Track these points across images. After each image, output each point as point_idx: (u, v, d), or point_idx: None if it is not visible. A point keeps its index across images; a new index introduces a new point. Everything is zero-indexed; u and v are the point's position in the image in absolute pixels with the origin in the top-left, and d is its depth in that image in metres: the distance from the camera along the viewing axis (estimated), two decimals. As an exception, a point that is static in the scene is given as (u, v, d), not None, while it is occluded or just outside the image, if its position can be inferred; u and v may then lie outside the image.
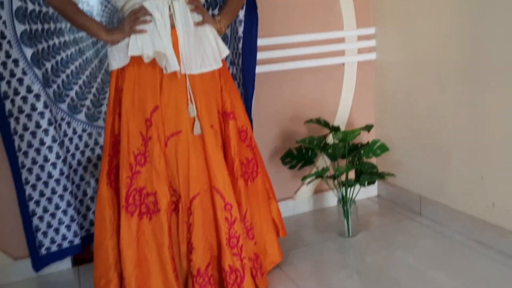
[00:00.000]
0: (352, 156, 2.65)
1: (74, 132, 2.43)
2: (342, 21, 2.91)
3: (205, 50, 1.96)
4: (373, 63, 3.02)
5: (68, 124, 2.41)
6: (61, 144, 2.35)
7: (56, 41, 2.34)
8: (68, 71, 2.39)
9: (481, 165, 2.34)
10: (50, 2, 1.89)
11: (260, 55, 2.55)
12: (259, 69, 2.57)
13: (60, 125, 2.37)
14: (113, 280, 1.98)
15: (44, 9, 2.27)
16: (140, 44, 1.85)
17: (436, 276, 2.13)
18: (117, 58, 1.91)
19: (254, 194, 2.16)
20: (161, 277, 1.92)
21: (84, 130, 2.46)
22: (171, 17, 1.89)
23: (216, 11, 2.50)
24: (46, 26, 2.29)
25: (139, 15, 1.86)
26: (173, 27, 1.89)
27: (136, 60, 1.89)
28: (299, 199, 2.99)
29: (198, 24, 1.95)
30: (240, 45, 2.43)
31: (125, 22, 1.88)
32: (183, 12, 1.90)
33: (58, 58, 2.35)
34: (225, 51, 2.04)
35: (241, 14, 2.41)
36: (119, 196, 1.94)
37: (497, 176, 2.27)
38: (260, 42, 2.53)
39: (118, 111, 1.95)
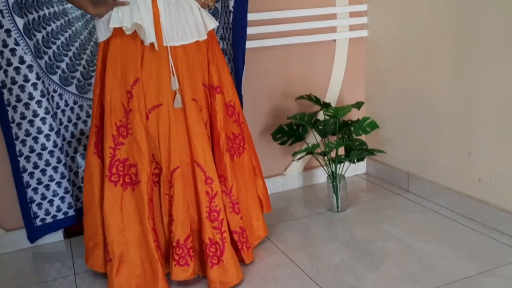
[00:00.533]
0: (342, 133, 2.69)
1: (66, 104, 2.44)
2: (334, -2, 2.93)
3: (187, 22, 1.96)
4: (365, 40, 3.04)
5: (60, 96, 2.41)
6: (54, 116, 2.36)
7: (46, 11, 2.32)
8: (58, 42, 2.38)
9: (468, 141, 2.39)
10: None
11: (250, 30, 2.55)
12: (249, 44, 2.58)
13: (52, 97, 2.37)
14: (100, 244, 2.05)
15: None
16: (120, 16, 1.87)
17: (423, 247, 2.20)
18: (102, 30, 1.93)
19: (240, 169, 2.18)
20: (143, 246, 1.96)
21: (75, 102, 2.46)
22: None
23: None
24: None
25: None
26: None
27: (119, 33, 1.90)
28: (289, 175, 3.03)
29: None
30: (231, 19, 2.43)
31: None
32: None
33: (49, 29, 2.34)
34: (211, 24, 2.03)
35: (233, -13, 2.42)
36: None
37: (484, 152, 2.32)
38: (251, 16, 2.52)
39: (104, 83, 1.97)
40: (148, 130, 1.94)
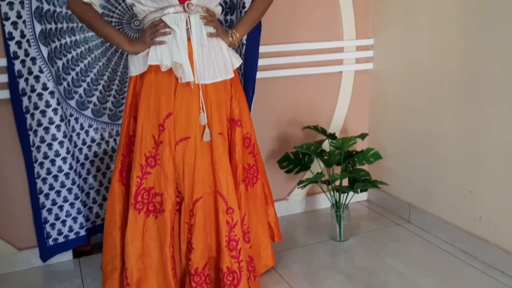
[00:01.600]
0: (346, 162, 2.77)
1: (82, 127, 2.51)
2: (342, 31, 3.02)
3: (217, 61, 2.06)
4: (370, 73, 3.14)
5: (76, 119, 2.49)
6: (70, 139, 2.43)
7: (68, 40, 2.41)
8: (77, 69, 2.46)
9: (471, 178, 2.47)
10: (73, 10, 1.98)
11: (260, 62, 2.65)
12: (259, 74, 2.67)
13: (69, 121, 2.45)
14: (119, 268, 2.11)
15: (58, 9, 2.34)
16: (159, 55, 1.96)
17: (424, 282, 2.27)
18: (137, 65, 2.01)
19: (253, 198, 2.27)
20: (161, 273, 2.03)
21: (90, 126, 2.54)
22: (187, 30, 1.99)
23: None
24: (59, 25, 2.36)
25: (159, 28, 1.96)
26: (188, 39, 1.99)
27: (154, 68, 1.99)
28: (292, 200, 3.11)
29: (211, 35, 2.05)
30: (243, 51, 2.52)
31: (146, 34, 1.98)
32: (198, 26, 2.00)
33: (69, 56, 2.43)
34: (237, 62, 2.14)
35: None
36: (129, 192, 2.04)
37: (486, 191, 2.39)
38: (261, 49, 2.61)
39: (134, 114, 2.05)
40: (174, 161, 2.02)
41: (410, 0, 2.77)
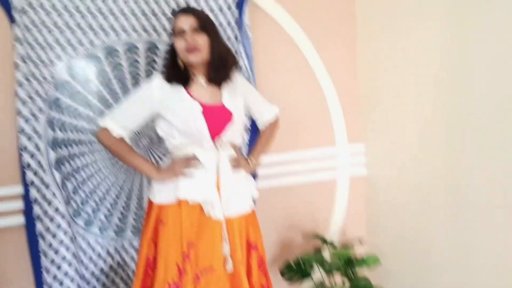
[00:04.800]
0: (348, 271, 2.84)
1: (88, 244, 2.58)
2: (334, 139, 3.17)
3: (242, 195, 2.19)
4: (364, 179, 3.25)
5: (83, 237, 2.57)
6: (78, 257, 2.50)
7: (79, 163, 2.54)
8: (86, 189, 2.58)
9: (462, 283, 2.49)
10: (102, 142, 2.10)
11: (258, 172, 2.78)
12: (258, 184, 2.78)
13: (75, 237, 2.53)
14: None
15: (69, 136, 2.49)
16: (190, 190, 2.06)
17: None
18: (163, 194, 2.10)
19: None
20: None
21: (97, 242, 2.62)
22: (217, 165, 2.10)
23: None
24: (70, 150, 2.50)
25: (191, 163, 2.08)
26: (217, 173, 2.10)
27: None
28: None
29: (235, 166, 2.18)
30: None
31: (176, 165, 2.10)
32: (225, 161, 2.13)
33: (80, 178, 2.55)
34: (256, 193, 2.28)
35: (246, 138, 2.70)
36: None
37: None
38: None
39: (155, 240, 2.12)
40: None
41: (397, 105, 2.87)
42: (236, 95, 2.22)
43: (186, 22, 2.07)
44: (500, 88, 2.17)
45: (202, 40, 2.07)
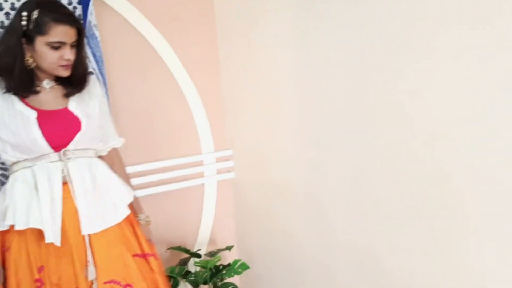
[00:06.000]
0: (215, 278, 2.74)
1: None
2: (200, 145, 3.07)
3: (107, 204, 1.94)
4: (232, 182, 3.19)
5: None
6: None
7: None
8: None
9: (327, 282, 2.50)
10: None
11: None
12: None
13: None
14: None
15: None
16: (15, 213, 1.81)
17: None
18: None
19: None
20: None
21: None
22: (64, 177, 1.87)
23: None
24: None
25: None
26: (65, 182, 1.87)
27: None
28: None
29: None
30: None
31: None
32: (78, 172, 1.89)
33: None
34: (129, 197, 2.05)
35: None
36: None
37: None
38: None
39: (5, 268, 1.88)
40: None
41: (260, 106, 2.83)
42: (91, 98, 2.01)
43: (70, 36, 1.83)
44: (348, 87, 2.18)
45: (74, 55, 1.88)
